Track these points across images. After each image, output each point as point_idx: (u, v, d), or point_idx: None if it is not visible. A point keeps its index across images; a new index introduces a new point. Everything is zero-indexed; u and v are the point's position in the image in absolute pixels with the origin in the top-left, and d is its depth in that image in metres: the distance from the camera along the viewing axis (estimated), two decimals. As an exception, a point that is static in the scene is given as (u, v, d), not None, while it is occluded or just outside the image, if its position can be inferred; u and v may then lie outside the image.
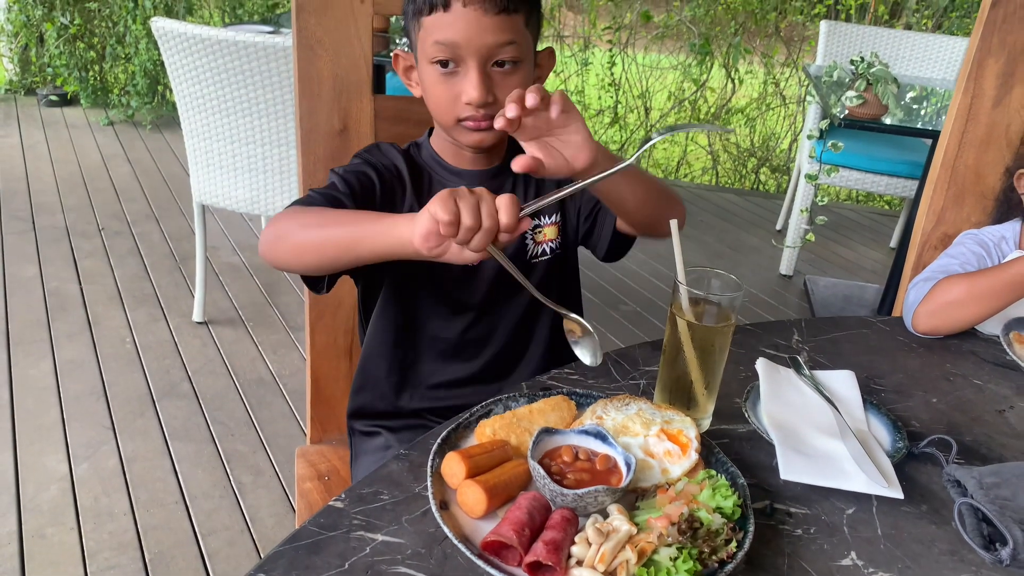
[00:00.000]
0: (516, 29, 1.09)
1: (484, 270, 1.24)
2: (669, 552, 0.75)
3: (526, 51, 1.12)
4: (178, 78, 2.56)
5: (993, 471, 0.92)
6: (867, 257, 4.28)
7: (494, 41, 1.07)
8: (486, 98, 1.09)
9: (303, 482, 1.39)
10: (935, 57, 4.05)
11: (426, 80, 1.13)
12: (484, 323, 1.27)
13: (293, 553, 0.77)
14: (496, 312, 1.27)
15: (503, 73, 1.10)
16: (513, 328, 1.29)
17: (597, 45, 5.48)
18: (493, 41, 1.07)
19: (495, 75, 1.10)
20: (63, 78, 5.32)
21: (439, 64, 1.09)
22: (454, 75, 1.10)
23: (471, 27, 1.06)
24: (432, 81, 1.12)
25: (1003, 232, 1.45)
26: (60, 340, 2.80)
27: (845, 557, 0.84)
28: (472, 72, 1.08)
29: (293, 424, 2.48)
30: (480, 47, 1.07)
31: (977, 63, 1.48)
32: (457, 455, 0.85)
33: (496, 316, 1.28)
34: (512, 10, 1.08)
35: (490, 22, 1.06)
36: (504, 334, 1.29)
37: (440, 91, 1.12)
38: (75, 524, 2.02)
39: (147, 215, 3.89)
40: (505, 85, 1.10)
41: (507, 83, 1.10)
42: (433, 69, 1.10)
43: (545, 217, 1.26)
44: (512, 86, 1.10)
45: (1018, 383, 1.23)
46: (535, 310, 1.28)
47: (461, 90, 1.10)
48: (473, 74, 1.08)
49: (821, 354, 1.25)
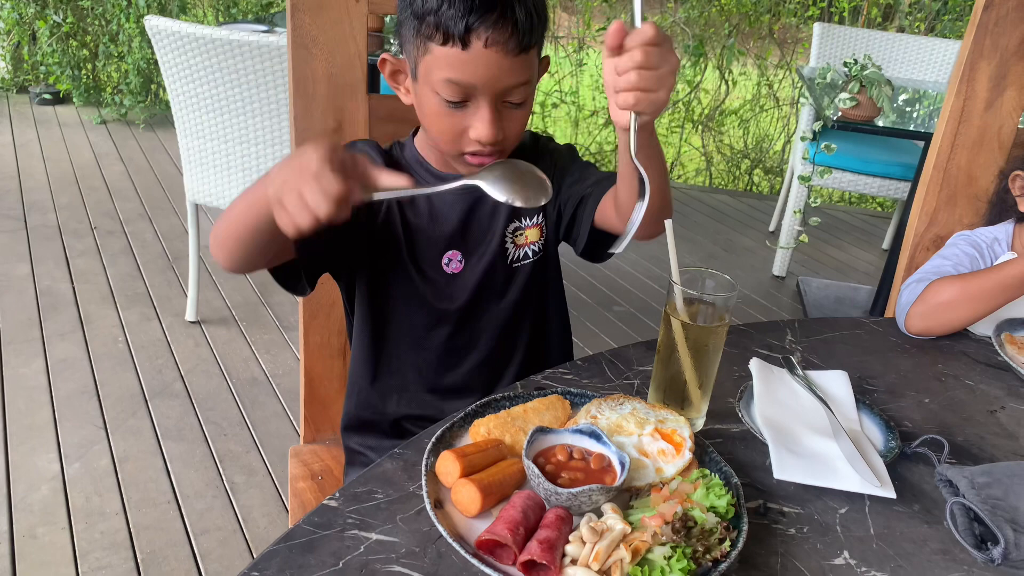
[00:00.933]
0: (531, 66, 1.06)
1: (462, 278, 1.22)
2: (663, 551, 0.75)
3: (534, 86, 1.09)
4: (172, 77, 2.55)
5: (984, 471, 0.93)
6: (860, 259, 4.29)
7: (512, 83, 1.03)
8: (498, 137, 1.06)
9: (296, 482, 1.39)
10: (927, 60, 4.07)
11: (426, 106, 1.08)
12: (468, 331, 1.26)
13: (287, 552, 0.76)
14: (479, 319, 1.25)
15: (512, 108, 1.07)
16: (497, 335, 1.27)
17: (591, 46, 5.49)
18: (511, 83, 1.03)
19: (504, 111, 1.06)
20: (56, 76, 5.30)
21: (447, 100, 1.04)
22: (462, 109, 1.05)
23: (491, 69, 1.01)
24: (435, 111, 1.07)
25: (996, 234, 1.45)
26: (52, 339, 2.79)
27: (838, 556, 0.84)
28: (484, 111, 1.04)
29: (286, 424, 2.48)
30: (497, 88, 1.03)
31: (970, 65, 1.48)
32: (451, 454, 0.86)
33: (479, 323, 1.26)
34: (529, 47, 1.03)
35: (509, 64, 1.01)
36: (489, 340, 1.27)
37: (445, 123, 1.07)
38: (67, 524, 2.01)
39: (140, 214, 3.88)
40: (513, 119, 1.08)
41: (515, 117, 1.08)
42: (437, 98, 1.05)
43: (527, 219, 1.23)
44: (519, 120, 1.09)
45: (1009, 384, 1.24)
46: (519, 316, 1.27)
47: (469, 125, 1.06)
48: (486, 113, 1.04)
49: (814, 354, 1.26)
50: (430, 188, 0.94)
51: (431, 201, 1.20)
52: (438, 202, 1.20)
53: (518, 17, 0.99)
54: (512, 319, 1.27)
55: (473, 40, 0.99)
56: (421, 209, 1.20)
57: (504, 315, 1.26)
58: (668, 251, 0.99)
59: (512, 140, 1.11)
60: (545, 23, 1.07)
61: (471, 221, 1.22)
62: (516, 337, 1.29)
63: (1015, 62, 1.47)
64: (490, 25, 0.98)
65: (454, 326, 1.25)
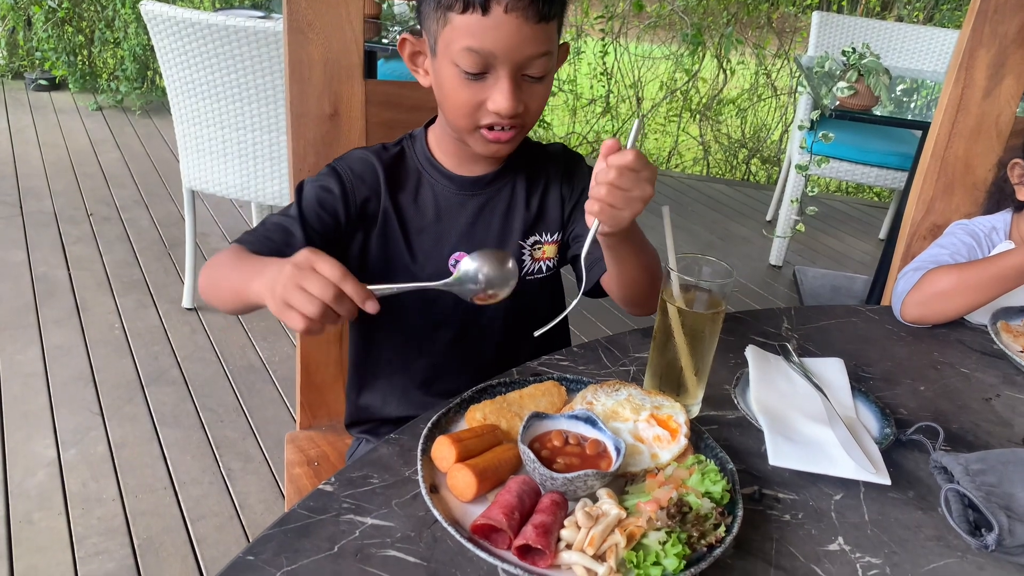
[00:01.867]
0: (551, 38, 1.04)
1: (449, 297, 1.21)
2: (658, 536, 0.76)
3: (555, 60, 1.08)
4: (168, 63, 2.54)
5: (979, 458, 0.93)
6: (856, 248, 4.30)
7: (532, 52, 1.02)
8: (517, 109, 1.04)
9: (292, 467, 1.39)
10: (926, 49, 4.06)
11: (445, 79, 1.06)
12: (470, 337, 1.25)
13: (282, 536, 0.77)
14: (482, 324, 1.24)
15: (532, 82, 1.06)
16: (499, 344, 1.26)
17: (589, 34, 5.47)
18: (531, 52, 1.02)
19: (524, 84, 1.05)
20: (51, 62, 5.27)
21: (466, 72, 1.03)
22: (481, 80, 1.03)
23: (511, 37, 0.99)
24: (453, 83, 1.05)
25: (994, 223, 1.45)
26: (48, 326, 2.78)
27: (832, 542, 0.84)
28: (504, 81, 1.02)
29: (283, 410, 2.48)
30: (517, 58, 1.02)
31: (968, 53, 1.48)
32: (447, 439, 0.86)
33: (482, 330, 1.25)
34: (551, 17, 1.02)
35: (530, 31, 1.00)
36: (491, 348, 1.26)
37: (463, 95, 1.05)
38: (63, 509, 2.01)
39: (136, 201, 3.86)
40: (533, 94, 1.07)
41: (535, 92, 1.07)
42: (456, 70, 1.03)
43: (547, 235, 1.22)
44: (539, 95, 1.08)
45: (1005, 371, 1.24)
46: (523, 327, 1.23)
47: (487, 97, 1.04)
48: (505, 83, 1.02)
49: (810, 342, 1.26)
50: (417, 284, 0.94)
51: (437, 200, 1.18)
52: (444, 203, 1.19)
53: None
54: (516, 330, 1.25)
55: (494, 5, 0.98)
56: (427, 208, 1.18)
57: (508, 323, 1.25)
58: (665, 239, 0.99)
59: (532, 115, 1.09)
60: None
61: (479, 225, 1.20)
62: (518, 348, 1.26)
63: (1014, 50, 1.47)
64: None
65: (457, 329, 1.24)
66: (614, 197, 0.89)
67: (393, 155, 1.19)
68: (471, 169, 1.19)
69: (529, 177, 1.22)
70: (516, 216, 1.21)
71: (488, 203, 1.20)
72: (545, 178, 1.22)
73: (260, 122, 2.58)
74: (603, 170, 0.89)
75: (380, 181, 1.16)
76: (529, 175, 1.22)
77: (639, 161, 0.88)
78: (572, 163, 1.25)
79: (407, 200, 1.18)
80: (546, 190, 1.22)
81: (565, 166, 1.24)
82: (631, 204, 0.90)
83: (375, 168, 1.16)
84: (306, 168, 1.32)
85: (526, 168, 1.21)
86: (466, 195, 1.19)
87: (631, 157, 0.88)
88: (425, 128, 1.22)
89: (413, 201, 1.18)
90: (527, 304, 1.24)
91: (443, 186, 1.18)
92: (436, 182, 1.19)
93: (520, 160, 1.20)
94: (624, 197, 0.90)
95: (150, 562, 1.89)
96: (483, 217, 1.20)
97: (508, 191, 1.21)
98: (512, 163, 1.20)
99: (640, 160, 0.89)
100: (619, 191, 0.89)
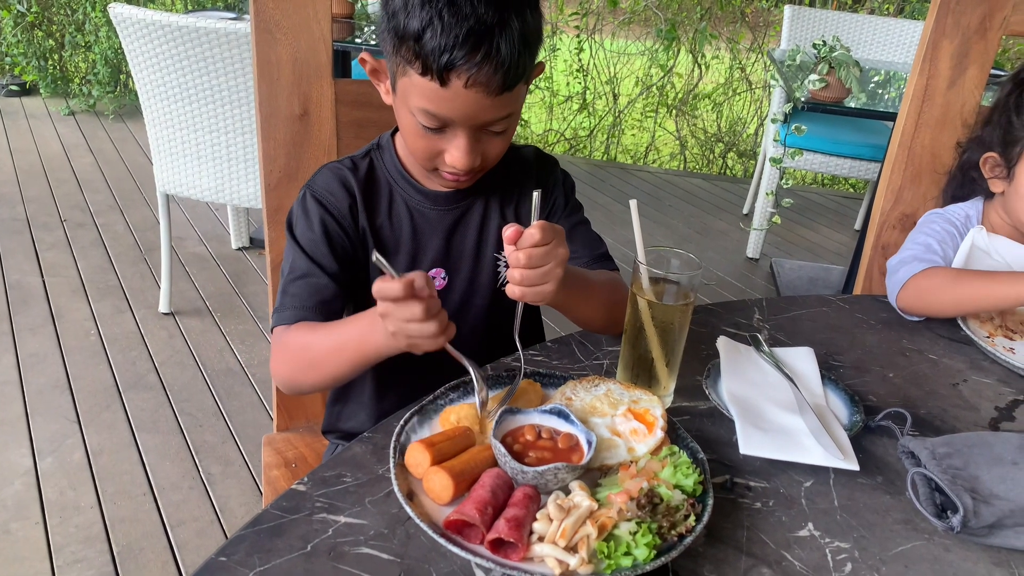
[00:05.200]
0: (516, 100, 1.01)
1: (445, 295, 1.20)
2: (629, 527, 0.76)
3: (519, 114, 1.06)
4: (139, 66, 2.52)
5: (945, 441, 0.94)
6: (832, 239, 4.34)
7: (493, 117, 1.00)
8: (474, 164, 1.03)
9: (270, 470, 1.39)
10: (897, 41, 4.10)
11: (403, 122, 1.05)
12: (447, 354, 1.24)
13: (255, 537, 0.77)
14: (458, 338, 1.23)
15: (492, 136, 1.04)
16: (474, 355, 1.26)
17: (564, 31, 5.48)
18: (492, 118, 1.00)
19: (484, 137, 1.03)
20: (21, 67, 5.21)
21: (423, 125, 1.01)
22: (439, 133, 1.02)
23: (469, 107, 0.97)
24: (411, 131, 1.04)
25: (967, 211, 1.47)
26: (22, 334, 2.75)
27: (803, 528, 0.85)
28: (461, 139, 1.01)
29: (262, 414, 2.47)
30: (476, 124, 1.00)
31: (932, 44, 1.50)
32: (420, 444, 0.85)
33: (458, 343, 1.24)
34: (514, 84, 0.97)
35: (491, 103, 0.97)
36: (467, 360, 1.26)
37: (420, 144, 1.04)
38: (40, 518, 1.99)
39: (111, 206, 3.83)
40: (493, 144, 1.05)
41: (494, 143, 1.05)
42: (413, 120, 1.01)
43: None
44: (499, 145, 1.06)
45: (971, 357, 1.26)
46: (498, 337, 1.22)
47: (444, 149, 1.03)
48: (462, 141, 1.01)
49: (781, 332, 1.27)
50: None
51: (412, 216, 1.17)
52: (419, 219, 1.17)
53: (503, 56, 0.93)
54: (494, 340, 1.23)
55: (453, 79, 0.94)
56: (401, 225, 1.17)
57: (486, 336, 1.24)
58: (634, 232, 0.99)
59: (490, 163, 1.09)
60: (537, 46, 1.01)
61: (455, 239, 1.19)
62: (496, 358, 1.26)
63: (976, 40, 1.49)
64: (473, 65, 0.92)
65: None
66: (530, 278, 0.90)
67: (364, 171, 1.17)
68: (436, 183, 1.17)
69: (503, 189, 1.21)
70: (491, 228, 1.20)
71: (463, 217, 1.19)
72: (519, 189, 1.22)
73: (234, 124, 2.57)
74: (512, 256, 0.89)
75: (357, 200, 1.14)
76: (503, 187, 1.21)
77: (545, 234, 0.89)
78: (545, 169, 1.25)
79: (382, 219, 1.17)
80: (520, 201, 1.22)
81: (538, 173, 1.23)
82: (549, 276, 0.91)
83: (351, 184, 1.14)
84: (277, 169, 1.32)
85: (500, 179, 1.20)
86: (441, 210, 1.18)
87: (537, 235, 0.88)
88: (392, 135, 1.20)
89: (388, 219, 1.17)
90: (504, 316, 1.23)
91: (416, 201, 1.17)
92: (410, 197, 1.17)
93: (494, 170, 1.18)
94: (540, 274, 0.90)
95: (130, 569, 1.88)
96: (459, 231, 1.19)
97: (482, 204, 1.20)
98: (486, 175, 1.18)
99: (546, 233, 0.89)
100: (534, 271, 0.90)
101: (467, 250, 1.20)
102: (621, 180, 4.93)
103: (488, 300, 1.22)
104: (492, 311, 1.23)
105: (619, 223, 4.04)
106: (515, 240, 0.89)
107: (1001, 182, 1.40)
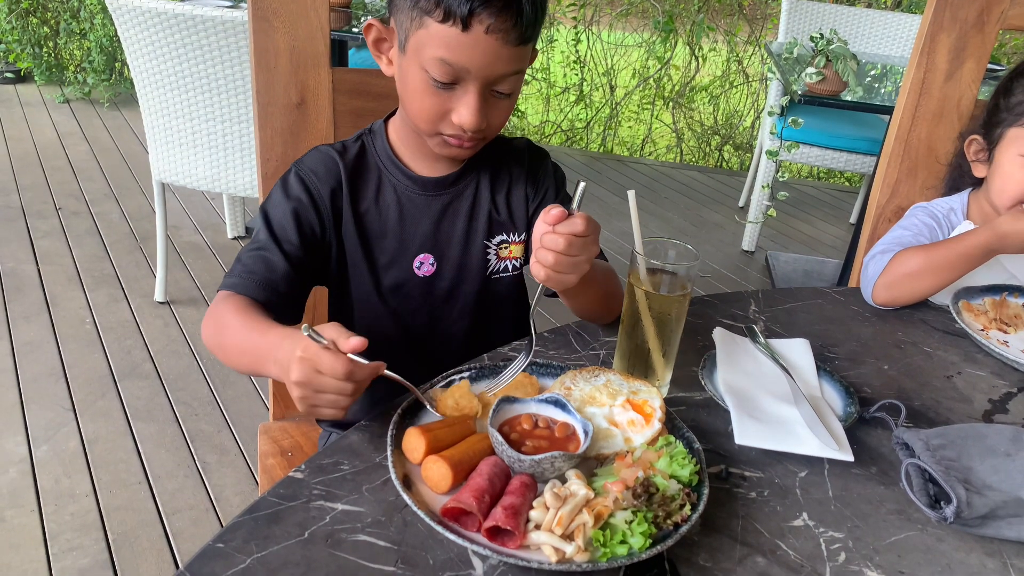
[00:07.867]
0: (526, 58, 1.04)
1: (434, 281, 1.20)
2: (624, 515, 0.77)
3: (523, 75, 1.07)
4: (135, 54, 2.51)
5: (939, 433, 0.95)
6: (827, 232, 4.34)
7: (506, 71, 1.01)
8: (481, 125, 1.04)
9: (266, 458, 1.39)
10: (894, 35, 4.10)
11: (411, 80, 1.04)
12: (438, 336, 1.24)
13: (252, 523, 0.77)
14: (449, 325, 1.24)
15: (499, 97, 1.05)
16: (465, 342, 1.25)
17: (562, 22, 5.46)
18: (505, 71, 1.01)
19: (491, 99, 1.04)
20: (16, 54, 5.18)
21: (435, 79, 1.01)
22: (449, 90, 1.02)
23: (487, 55, 0.98)
24: (419, 88, 1.03)
25: (951, 204, 1.48)
26: (17, 322, 2.75)
27: (797, 518, 0.86)
28: (472, 96, 1.01)
29: (257, 402, 2.47)
30: (490, 75, 1.01)
31: (930, 38, 1.50)
32: (417, 430, 0.86)
33: (450, 329, 1.24)
34: (530, 39, 1.01)
35: (507, 52, 0.99)
36: (459, 348, 1.25)
37: (428, 102, 1.04)
38: (35, 506, 1.99)
39: (106, 194, 3.82)
40: (498, 109, 1.06)
41: (500, 106, 1.06)
42: (424, 76, 1.01)
43: (514, 234, 1.22)
44: (504, 110, 1.07)
45: (965, 350, 1.26)
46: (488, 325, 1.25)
47: (453, 108, 1.03)
48: (473, 99, 1.02)
49: (777, 324, 1.28)
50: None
51: (400, 201, 1.17)
52: (408, 203, 1.17)
53: (524, 8, 0.97)
54: (483, 328, 1.25)
55: (475, 24, 0.96)
56: (389, 210, 1.17)
57: (475, 323, 1.24)
58: (632, 222, 1.00)
59: (494, 130, 1.09)
60: (545, 16, 1.05)
61: (443, 225, 1.19)
62: (486, 348, 1.27)
63: (974, 34, 1.49)
64: (495, 12, 0.96)
65: (424, 330, 1.23)
66: (562, 265, 0.91)
67: (354, 155, 1.16)
68: (434, 168, 1.17)
69: (494, 176, 1.21)
70: (480, 216, 1.20)
71: (452, 203, 1.19)
72: (510, 177, 1.22)
73: (230, 113, 2.56)
74: (551, 238, 0.89)
75: (343, 183, 1.14)
76: (494, 174, 1.21)
77: (588, 226, 0.90)
78: (537, 161, 1.24)
79: (369, 203, 1.16)
80: (511, 189, 1.22)
81: (530, 164, 1.23)
82: (578, 268, 0.92)
83: (338, 168, 1.14)
84: (273, 158, 1.32)
85: (491, 167, 1.20)
86: (429, 196, 1.18)
87: (581, 225, 0.89)
88: (385, 121, 1.20)
89: (375, 203, 1.17)
90: (494, 304, 1.24)
91: (405, 186, 1.17)
92: (399, 182, 1.17)
93: (485, 158, 1.19)
94: (571, 263, 0.91)
95: (125, 557, 1.88)
96: (447, 218, 1.19)
97: (472, 191, 1.20)
98: (476, 162, 1.19)
99: (589, 225, 0.90)
100: (567, 258, 0.90)
101: (456, 236, 1.19)
102: (617, 172, 4.92)
103: (477, 286, 1.22)
104: (480, 297, 1.23)
105: (615, 215, 4.04)
106: (558, 221, 0.89)
107: (983, 166, 1.41)
